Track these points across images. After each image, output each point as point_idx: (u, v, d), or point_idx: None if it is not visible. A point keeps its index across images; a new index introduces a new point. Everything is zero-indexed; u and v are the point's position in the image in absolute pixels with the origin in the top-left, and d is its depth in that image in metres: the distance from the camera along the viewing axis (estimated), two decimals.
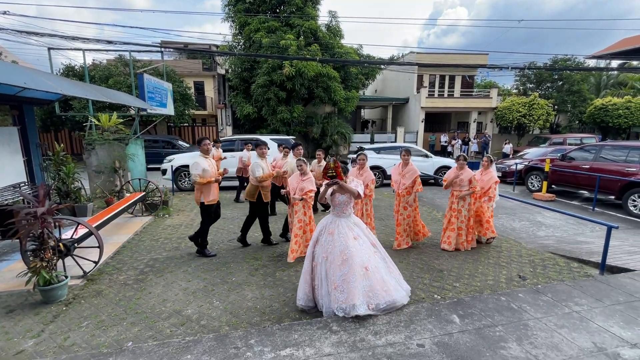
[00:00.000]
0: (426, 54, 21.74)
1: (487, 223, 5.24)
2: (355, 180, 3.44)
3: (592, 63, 24.31)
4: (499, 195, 6.40)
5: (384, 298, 3.05)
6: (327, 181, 3.19)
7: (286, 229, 5.49)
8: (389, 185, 7.04)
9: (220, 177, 4.78)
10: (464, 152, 21.11)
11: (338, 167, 3.20)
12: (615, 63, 23.14)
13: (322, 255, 3.21)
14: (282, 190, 4.87)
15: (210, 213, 4.73)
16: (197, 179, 4.45)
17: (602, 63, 24.04)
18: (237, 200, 8.37)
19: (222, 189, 6.81)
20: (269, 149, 6.66)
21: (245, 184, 6.85)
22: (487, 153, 20.15)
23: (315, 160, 6.62)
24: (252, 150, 6.51)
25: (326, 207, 7.19)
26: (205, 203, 4.59)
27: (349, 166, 4.54)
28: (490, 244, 5.38)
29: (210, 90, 21.06)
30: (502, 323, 2.89)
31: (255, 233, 5.93)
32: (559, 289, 3.53)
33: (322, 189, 3.32)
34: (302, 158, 4.87)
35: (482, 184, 5.24)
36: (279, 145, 6.72)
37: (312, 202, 4.76)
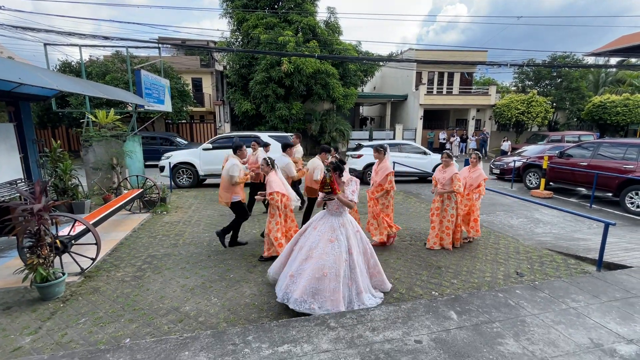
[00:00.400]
0: (425, 50, 21.69)
1: (475, 222, 5.20)
2: (353, 182, 3.50)
3: (590, 60, 24.34)
4: (497, 192, 6.42)
5: (330, 305, 3.05)
6: (323, 195, 3.33)
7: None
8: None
9: (248, 177, 5.12)
10: (461, 149, 21.13)
11: (334, 182, 3.27)
12: (614, 60, 23.20)
13: (300, 245, 3.41)
14: (257, 197, 4.51)
15: (244, 209, 5.00)
16: (237, 180, 4.70)
17: (601, 60, 24.09)
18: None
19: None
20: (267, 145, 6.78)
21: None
22: (485, 150, 20.17)
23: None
24: (259, 148, 6.69)
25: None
26: (242, 201, 4.92)
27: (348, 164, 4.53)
28: (471, 242, 5.31)
29: (208, 87, 20.97)
30: (499, 319, 2.90)
31: (253, 230, 5.93)
32: (556, 286, 3.54)
33: (318, 199, 3.49)
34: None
35: (470, 181, 5.18)
36: (263, 146, 6.87)
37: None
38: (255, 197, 4.57)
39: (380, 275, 3.61)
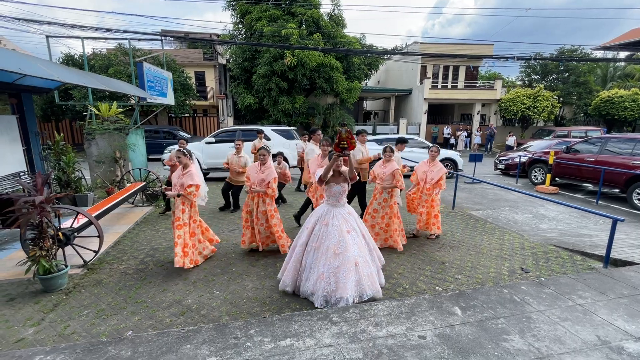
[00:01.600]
0: (430, 44, 21.41)
1: (436, 218, 5.06)
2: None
3: (599, 54, 23.93)
4: (502, 187, 6.34)
5: (370, 289, 3.22)
6: (337, 152, 3.13)
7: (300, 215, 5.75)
8: None
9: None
10: (465, 144, 20.95)
11: (352, 137, 3.14)
12: (623, 54, 22.78)
13: (313, 245, 3.29)
14: (167, 193, 4.04)
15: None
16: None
17: (610, 54, 23.67)
18: (298, 189, 8.65)
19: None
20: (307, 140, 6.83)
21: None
22: (490, 145, 19.98)
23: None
24: (308, 140, 7.14)
25: (283, 200, 7.20)
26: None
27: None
28: (432, 239, 5.18)
29: (211, 81, 20.87)
30: (504, 315, 2.86)
31: None
32: (562, 282, 3.49)
33: (328, 163, 3.28)
34: (265, 147, 4.47)
35: (431, 175, 4.99)
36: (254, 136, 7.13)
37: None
38: (166, 193, 4.07)
39: (377, 251, 3.77)
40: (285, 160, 6.77)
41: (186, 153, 4.05)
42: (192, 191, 3.91)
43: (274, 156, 6.46)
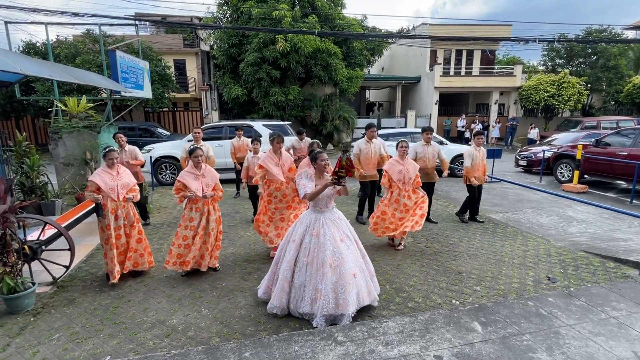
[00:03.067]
0: (441, 25, 21.54)
1: (422, 218, 5.05)
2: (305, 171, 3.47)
3: (631, 34, 24.11)
4: (525, 187, 6.40)
5: (368, 298, 3.33)
6: (333, 178, 3.17)
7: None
8: None
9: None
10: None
11: (352, 167, 3.20)
12: None
13: (304, 260, 3.27)
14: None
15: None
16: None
17: None
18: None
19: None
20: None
21: None
22: (511, 139, 20.06)
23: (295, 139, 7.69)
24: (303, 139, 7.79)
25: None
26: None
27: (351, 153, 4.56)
28: (445, 248, 5.24)
29: (192, 70, 20.87)
30: (530, 331, 2.90)
31: (247, 232, 5.93)
32: (593, 292, 3.54)
33: (315, 188, 3.27)
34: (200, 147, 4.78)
35: (409, 175, 5.00)
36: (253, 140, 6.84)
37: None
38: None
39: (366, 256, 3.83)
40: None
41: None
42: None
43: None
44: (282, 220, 4.73)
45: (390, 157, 5.52)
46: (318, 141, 5.32)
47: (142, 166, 6.35)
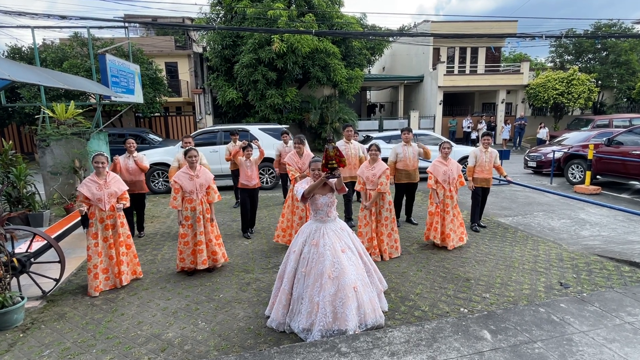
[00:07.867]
0: (444, 22, 21.74)
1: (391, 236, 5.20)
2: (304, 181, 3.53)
3: None
4: (535, 189, 6.44)
5: (371, 318, 3.25)
6: (326, 173, 3.17)
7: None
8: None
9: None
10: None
11: (341, 155, 3.21)
12: None
13: (302, 271, 3.30)
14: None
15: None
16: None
17: None
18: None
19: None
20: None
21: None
22: (520, 140, 20.12)
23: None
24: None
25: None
26: None
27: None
28: (453, 252, 5.35)
29: (185, 73, 21.02)
30: (541, 338, 2.92)
31: (244, 242, 5.95)
32: (607, 298, 3.56)
33: (312, 183, 3.33)
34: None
35: (374, 179, 4.97)
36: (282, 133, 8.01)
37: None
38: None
39: (378, 273, 3.84)
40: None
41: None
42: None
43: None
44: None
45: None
46: (302, 135, 5.72)
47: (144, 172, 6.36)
